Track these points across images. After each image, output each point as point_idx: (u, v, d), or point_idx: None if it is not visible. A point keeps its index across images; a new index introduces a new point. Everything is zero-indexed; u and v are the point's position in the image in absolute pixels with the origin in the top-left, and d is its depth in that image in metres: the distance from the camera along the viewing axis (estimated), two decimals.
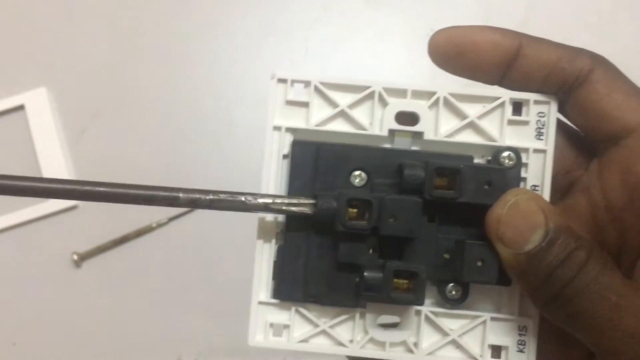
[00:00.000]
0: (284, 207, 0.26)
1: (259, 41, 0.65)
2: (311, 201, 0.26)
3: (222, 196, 0.26)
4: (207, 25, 0.65)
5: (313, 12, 0.65)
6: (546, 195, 0.27)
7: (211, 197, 0.26)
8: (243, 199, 0.26)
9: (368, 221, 0.26)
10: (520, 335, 0.27)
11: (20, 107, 0.63)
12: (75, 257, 0.61)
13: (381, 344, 0.27)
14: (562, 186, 0.28)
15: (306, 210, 0.26)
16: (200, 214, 0.61)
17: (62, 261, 0.61)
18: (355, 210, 0.26)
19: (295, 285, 0.27)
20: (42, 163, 0.62)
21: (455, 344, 0.27)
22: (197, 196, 0.26)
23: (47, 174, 0.62)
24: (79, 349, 0.61)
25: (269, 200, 0.26)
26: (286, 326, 0.27)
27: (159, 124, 0.63)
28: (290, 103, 0.27)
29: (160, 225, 0.62)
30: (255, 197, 0.26)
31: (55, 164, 0.62)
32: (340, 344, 0.27)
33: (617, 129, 0.25)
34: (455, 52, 0.26)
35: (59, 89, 0.64)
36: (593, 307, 0.23)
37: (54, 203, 0.62)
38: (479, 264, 0.26)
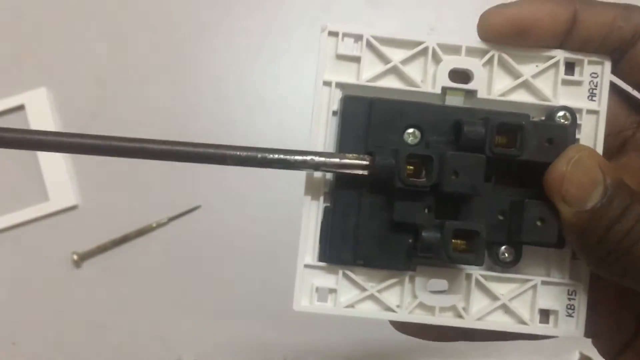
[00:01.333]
0: (338, 165, 0.25)
1: (259, 41, 0.65)
2: (367, 158, 0.25)
3: (270, 155, 0.25)
4: (207, 25, 0.65)
5: (313, 12, 0.65)
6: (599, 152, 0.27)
7: (261, 155, 0.25)
8: (295, 157, 0.25)
9: (428, 178, 0.25)
10: (569, 299, 0.27)
11: (20, 107, 0.63)
12: (75, 257, 0.61)
13: (430, 309, 0.26)
14: (615, 146, 0.29)
15: (363, 165, 0.25)
16: (201, 214, 0.61)
17: (62, 261, 0.61)
18: (412, 168, 0.25)
19: (343, 247, 0.26)
20: (42, 163, 0.62)
21: (505, 308, 0.27)
22: (247, 154, 0.24)
23: (47, 174, 0.62)
24: (79, 349, 0.60)
25: (322, 159, 0.25)
26: (332, 290, 0.26)
27: (158, 123, 0.63)
28: (341, 57, 0.26)
29: (160, 225, 0.62)
30: (308, 155, 0.25)
31: (55, 164, 0.62)
32: (389, 308, 0.26)
33: None
34: (514, 32, 0.26)
35: (59, 89, 0.64)
36: None
37: (54, 203, 0.62)
38: (539, 223, 0.25)
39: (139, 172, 0.62)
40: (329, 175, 0.27)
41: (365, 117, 0.26)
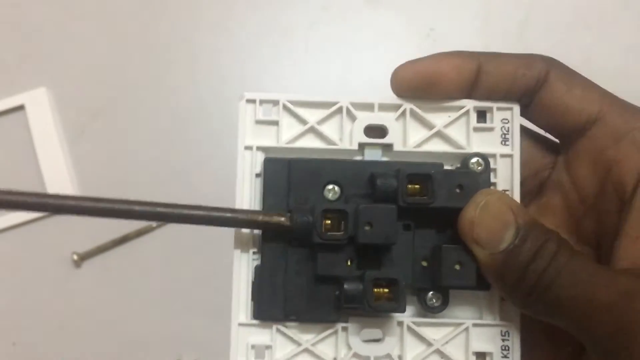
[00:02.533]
0: (260, 221, 0.26)
1: (259, 41, 0.65)
2: (285, 216, 0.26)
3: (193, 212, 0.26)
4: (207, 25, 0.65)
5: (313, 12, 0.65)
6: (516, 197, 0.28)
7: (182, 212, 0.26)
8: (216, 214, 0.26)
9: (344, 231, 0.26)
10: (503, 340, 0.27)
11: (20, 107, 0.63)
12: (75, 257, 0.61)
13: (365, 359, 0.27)
14: (534, 187, 0.30)
15: (282, 223, 0.26)
16: None
17: (62, 261, 0.61)
18: (330, 222, 0.26)
19: (274, 303, 0.27)
20: (42, 163, 0.63)
21: (440, 353, 0.27)
22: (166, 210, 0.25)
23: (47, 174, 0.62)
24: (79, 349, 0.60)
25: (244, 217, 0.26)
26: (268, 347, 0.27)
27: (159, 123, 0.63)
28: (261, 122, 0.28)
29: (160, 225, 0.62)
30: (229, 213, 0.26)
31: (55, 164, 0.62)
32: None
33: (581, 121, 0.27)
34: (423, 85, 0.27)
35: (59, 89, 0.64)
36: (567, 289, 0.24)
37: None
38: (457, 267, 0.26)
39: (139, 172, 0.62)
40: (257, 231, 0.27)
41: (286, 177, 0.27)
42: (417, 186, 0.26)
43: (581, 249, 0.28)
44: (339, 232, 0.26)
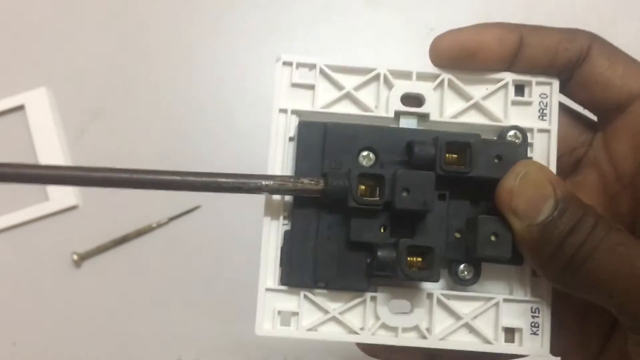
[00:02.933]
0: (291, 187, 0.25)
1: (259, 41, 0.65)
2: (320, 180, 0.26)
3: (224, 180, 0.25)
4: (207, 25, 0.65)
5: (313, 12, 0.65)
6: (553, 171, 0.27)
7: (214, 179, 0.25)
8: (248, 181, 0.25)
9: (381, 197, 0.25)
10: (533, 317, 0.27)
11: (20, 107, 0.63)
12: (75, 257, 0.61)
13: (393, 330, 0.27)
14: (569, 164, 0.29)
15: (317, 188, 0.25)
16: (201, 213, 0.61)
17: (62, 261, 0.61)
18: (365, 188, 0.26)
19: (303, 269, 0.26)
20: (42, 163, 0.62)
21: (469, 327, 0.27)
22: (202, 179, 0.25)
23: None
24: (79, 349, 0.60)
25: (276, 183, 0.25)
26: (295, 313, 0.27)
27: (159, 123, 0.63)
28: (296, 86, 0.27)
29: (160, 225, 0.62)
30: (261, 180, 0.25)
31: (55, 164, 0.62)
32: (352, 331, 0.26)
33: (622, 97, 0.26)
34: (463, 55, 0.27)
35: (59, 89, 0.64)
36: (605, 263, 0.23)
37: (54, 203, 0.62)
38: (493, 238, 0.25)
39: None
40: (288, 197, 0.27)
41: (320, 141, 0.27)
42: (454, 155, 0.26)
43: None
44: (372, 197, 0.25)
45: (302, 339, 0.26)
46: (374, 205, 0.25)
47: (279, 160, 0.27)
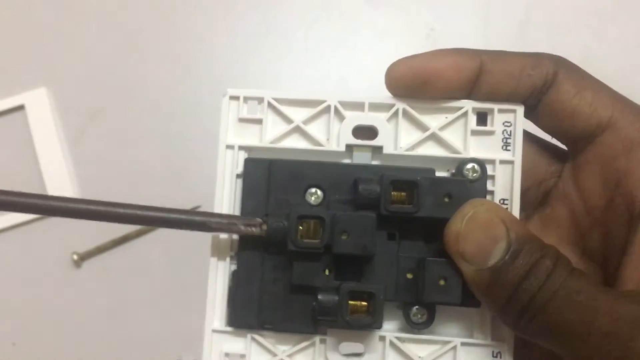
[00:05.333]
0: (229, 228, 0.25)
1: (259, 41, 0.65)
2: (259, 220, 0.25)
3: (166, 215, 0.25)
4: (207, 25, 0.65)
5: (313, 12, 0.65)
6: (516, 207, 0.26)
7: (154, 214, 0.25)
8: (181, 217, 0.25)
9: (321, 239, 0.24)
10: None
11: (20, 107, 0.63)
12: (75, 257, 0.61)
13: None
14: (537, 197, 0.28)
15: (255, 228, 0.25)
16: None
17: (62, 261, 0.61)
18: (308, 229, 0.25)
19: (250, 311, 0.26)
20: (42, 163, 0.62)
21: None
22: (129, 212, 0.24)
23: (47, 174, 0.62)
24: (79, 349, 0.60)
25: (215, 220, 0.25)
26: (242, 356, 0.26)
27: (159, 124, 0.63)
28: (244, 120, 0.26)
29: None
30: (197, 216, 0.25)
31: (55, 164, 0.62)
32: None
33: (591, 126, 0.25)
34: (417, 83, 0.25)
35: (59, 89, 0.64)
36: (564, 313, 0.22)
37: None
38: (442, 282, 0.24)
39: (138, 172, 0.62)
40: (236, 236, 0.26)
41: (266, 178, 0.26)
42: (402, 193, 0.25)
43: (586, 265, 0.26)
44: (316, 239, 0.24)
45: None
46: (314, 249, 0.24)
47: (226, 198, 0.26)
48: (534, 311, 0.22)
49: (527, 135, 0.27)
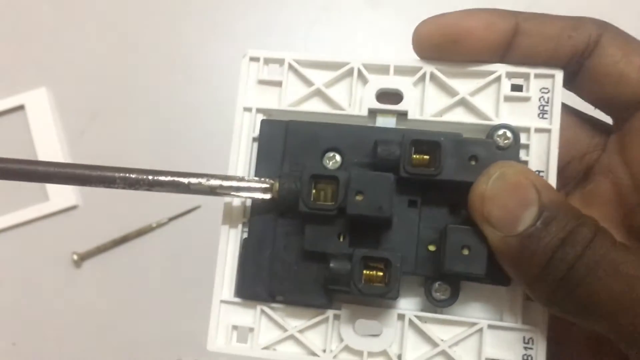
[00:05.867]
0: (237, 188, 0.23)
1: (259, 41, 0.65)
2: (269, 181, 0.23)
3: (164, 178, 0.23)
4: (207, 26, 0.65)
5: (313, 12, 0.65)
6: (552, 180, 0.23)
7: (152, 177, 0.23)
8: (186, 181, 0.23)
9: (335, 200, 0.23)
10: (526, 349, 0.23)
11: (20, 107, 0.63)
12: (75, 257, 0.61)
13: (358, 354, 0.23)
14: (579, 172, 0.26)
15: (265, 188, 0.23)
16: (201, 213, 0.61)
17: (62, 261, 0.61)
18: (324, 192, 0.23)
19: (260, 281, 0.24)
20: None
21: (446, 356, 0.23)
22: (136, 176, 0.23)
23: None
24: (79, 349, 0.60)
25: (217, 183, 0.23)
26: (251, 329, 0.24)
27: (158, 124, 0.63)
28: (263, 82, 0.25)
29: (160, 225, 0.62)
30: (202, 179, 0.23)
31: None
32: (312, 352, 0.24)
33: (639, 92, 0.23)
34: (447, 42, 0.23)
35: (59, 89, 0.64)
36: (608, 286, 0.19)
37: (54, 203, 0.62)
38: (465, 252, 0.22)
39: None
40: (250, 202, 0.25)
41: (282, 141, 0.25)
42: (425, 157, 0.23)
43: (633, 245, 0.23)
44: (331, 202, 0.23)
45: (257, 357, 0.24)
46: (327, 210, 0.23)
47: (242, 162, 0.25)
48: (572, 284, 0.20)
49: (565, 107, 0.24)
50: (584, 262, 0.20)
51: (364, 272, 0.22)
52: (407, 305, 0.24)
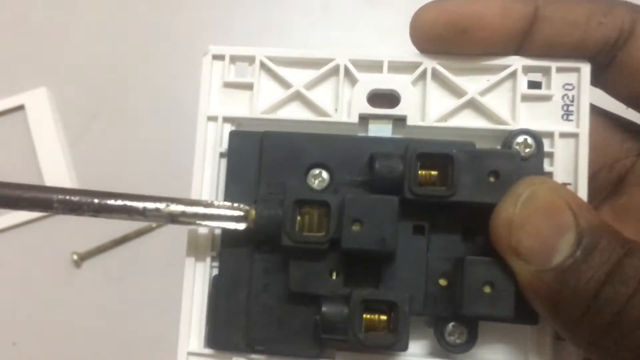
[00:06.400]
0: (204, 216, 0.19)
1: (258, 41, 0.65)
2: (243, 207, 0.19)
3: (111, 202, 0.19)
4: (207, 25, 0.65)
5: (313, 12, 0.65)
6: (583, 193, 0.19)
7: (96, 201, 0.19)
8: (141, 206, 0.19)
9: (325, 231, 0.18)
10: None
11: (20, 107, 0.63)
12: (75, 257, 0.61)
13: None
14: (609, 183, 0.22)
15: (238, 220, 0.19)
16: None
17: (62, 261, 0.61)
18: (309, 219, 0.19)
19: (235, 328, 0.20)
20: (42, 163, 0.62)
21: None
22: (78, 199, 0.19)
23: (47, 173, 0.62)
24: (79, 349, 0.60)
25: (179, 209, 0.19)
26: None
27: (158, 123, 0.63)
28: (230, 85, 0.22)
29: (160, 225, 0.62)
30: (160, 204, 0.19)
31: (55, 164, 0.62)
32: None
33: None
34: (454, 31, 0.20)
35: (59, 89, 0.64)
36: None
37: None
38: (487, 289, 0.18)
39: (138, 172, 0.62)
40: (219, 231, 0.20)
41: (257, 156, 0.20)
42: (433, 173, 0.19)
43: None
44: (319, 232, 0.18)
45: None
46: (317, 244, 0.18)
47: (207, 183, 0.20)
48: (624, 329, 0.16)
49: (593, 107, 0.21)
50: (637, 302, 0.16)
51: (364, 316, 0.18)
52: (414, 349, 0.20)
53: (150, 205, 0.19)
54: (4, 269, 0.62)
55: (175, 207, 0.19)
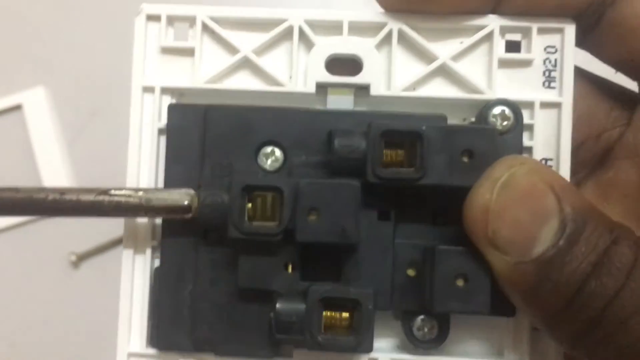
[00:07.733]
0: (140, 207, 0.16)
1: None
2: (185, 193, 0.17)
3: (39, 196, 0.16)
4: None
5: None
6: (565, 171, 0.18)
7: (22, 195, 0.17)
8: (57, 196, 0.16)
9: (280, 221, 0.16)
10: None
11: (18, 107, 0.63)
12: (73, 257, 0.61)
13: None
14: (594, 156, 0.20)
15: (178, 211, 0.17)
16: None
17: (60, 262, 0.61)
18: (264, 207, 0.17)
19: (181, 325, 0.18)
20: (39, 162, 0.62)
21: None
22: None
23: (44, 173, 0.62)
24: (78, 349, 0.60)
25: (115, 199, 0.16)
26: None
27: None
28: (169, 51, 0.19)
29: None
30: (90, 194, 0.16)
31: (53, 164, 0.62)
32: None
33: None
34: None
35: (57, 88, 0.64)
36: None
37: None
38: (459, 283, 0.16)
39: None
40: (159, 220, 0.18)
41: (201, 133, 0.18)
42: (399, 151, 0.17)
43: None
44: (272, 222, 0.16)
45: None
46: (269, 235, 0.16)
47: (144, 164, 0.18)
48: (611, 326, 0.14)
49: (578, 71, 0.19)
50: (625, 297, 0.14)
51: (324, 313, 0.16)
52: (380, 344, 0.18)
53: (85, 198, 0.16)
54: (2, 270, 0.61)
55: (110, 198, 0.16)
